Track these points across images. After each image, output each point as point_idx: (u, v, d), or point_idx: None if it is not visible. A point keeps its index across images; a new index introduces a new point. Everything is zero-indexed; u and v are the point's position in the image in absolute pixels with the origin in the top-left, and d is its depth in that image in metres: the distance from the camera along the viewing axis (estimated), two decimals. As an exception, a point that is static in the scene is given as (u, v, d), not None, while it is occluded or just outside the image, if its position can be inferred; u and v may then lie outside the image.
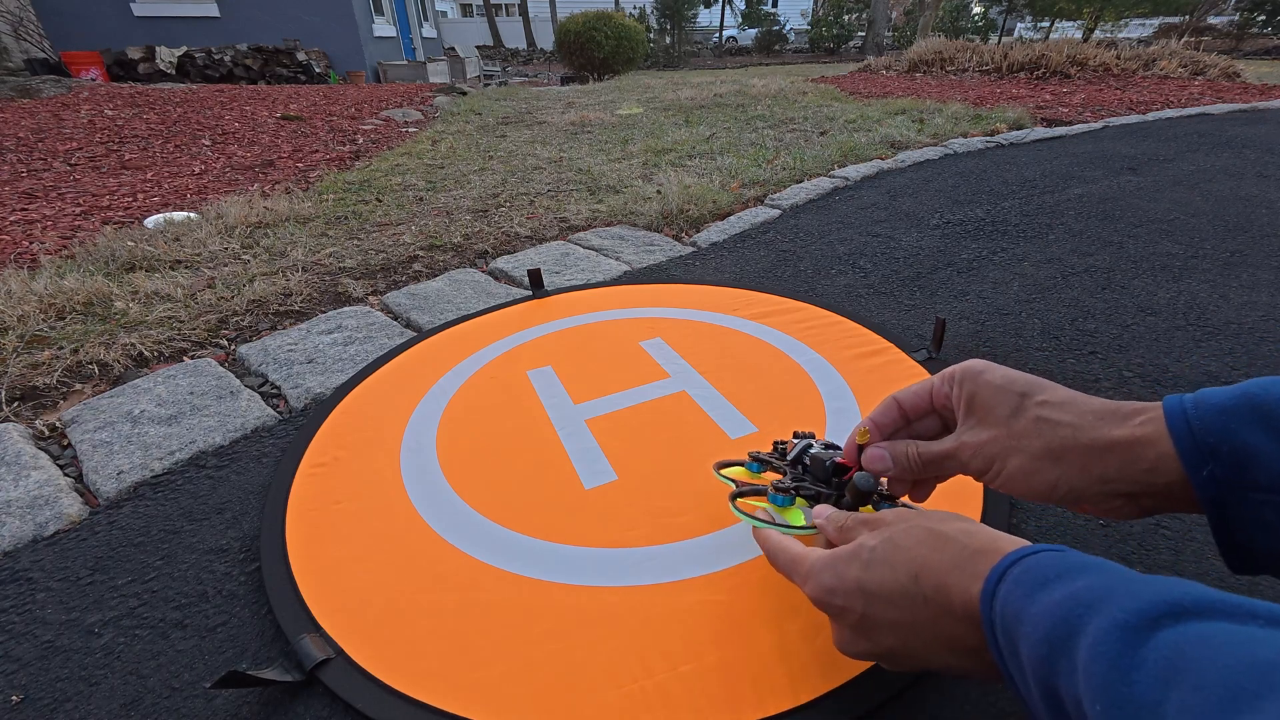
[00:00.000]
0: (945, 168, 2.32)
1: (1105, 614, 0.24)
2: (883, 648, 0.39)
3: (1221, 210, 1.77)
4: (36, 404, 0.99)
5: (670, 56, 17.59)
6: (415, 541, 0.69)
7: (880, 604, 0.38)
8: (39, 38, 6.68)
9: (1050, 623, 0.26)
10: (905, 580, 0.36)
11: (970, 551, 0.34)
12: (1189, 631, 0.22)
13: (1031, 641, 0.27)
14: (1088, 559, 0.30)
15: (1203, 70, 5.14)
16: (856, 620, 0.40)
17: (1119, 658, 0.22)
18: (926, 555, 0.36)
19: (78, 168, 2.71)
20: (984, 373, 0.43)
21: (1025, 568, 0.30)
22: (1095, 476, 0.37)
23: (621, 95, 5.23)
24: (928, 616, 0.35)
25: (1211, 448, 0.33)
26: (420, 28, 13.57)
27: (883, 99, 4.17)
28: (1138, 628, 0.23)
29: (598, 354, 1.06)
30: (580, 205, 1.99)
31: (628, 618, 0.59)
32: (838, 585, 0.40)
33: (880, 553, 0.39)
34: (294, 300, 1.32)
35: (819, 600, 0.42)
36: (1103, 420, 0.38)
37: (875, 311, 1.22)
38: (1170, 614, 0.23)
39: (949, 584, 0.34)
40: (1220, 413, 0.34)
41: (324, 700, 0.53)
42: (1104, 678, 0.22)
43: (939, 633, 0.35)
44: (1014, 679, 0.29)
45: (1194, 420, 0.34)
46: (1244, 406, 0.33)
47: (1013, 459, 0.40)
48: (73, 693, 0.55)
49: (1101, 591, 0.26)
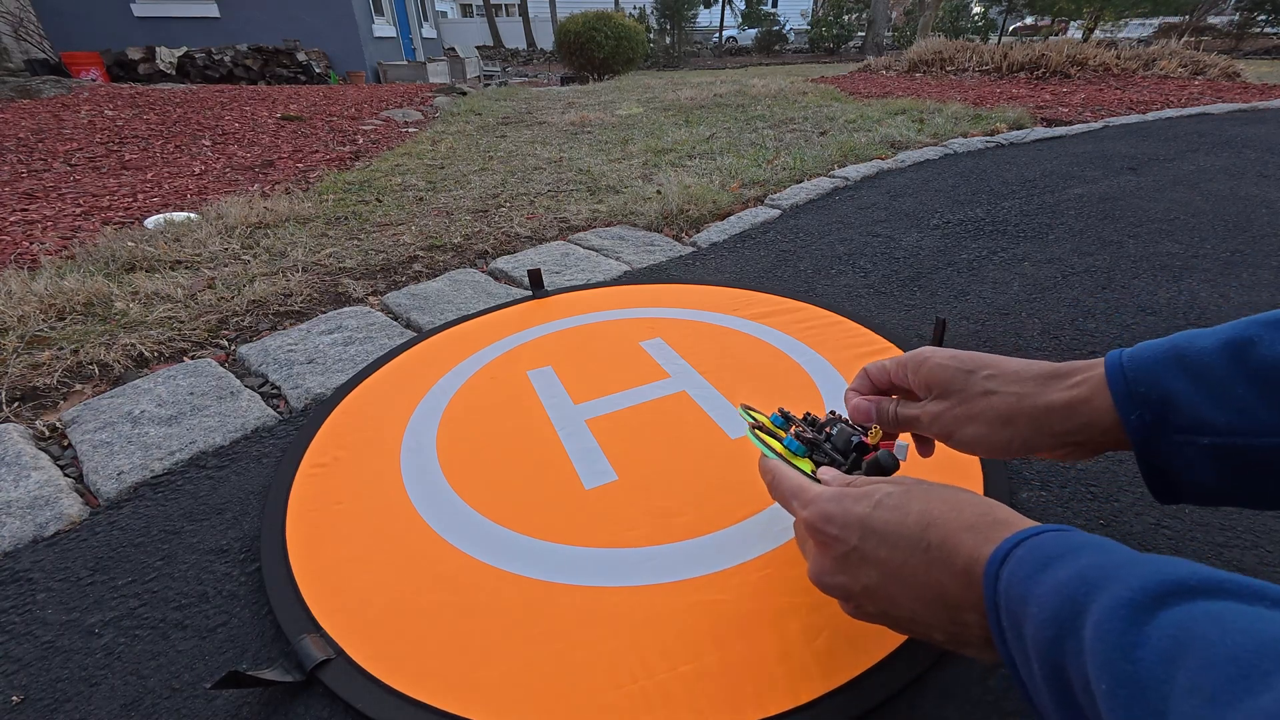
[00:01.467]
0: (945, 168, 2.32)
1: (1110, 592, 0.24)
2: (859, 585, 0.40)
3: (1221, 210, 1.77)
4: (37, 404, 0.99)
5: (670, 57, 17.60)
6: (415, 542, 0.69)
7: (876, 541, 0.38)
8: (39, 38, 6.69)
9: (1056, 602, 0.26)
10: (913, 526, 0.37)
11: (990, 519, 0.35)
12: (1196, 610, 0.22)
13: (1037, 622, 0.27)
14: (1091, 538, 0.30)
15: (1203, 70, 5.14)
16: (845, 552, 0.40)
17: (1123, 635, 0.22)
18: (943, 511, 0.37)
19: (78, 168, 2.71)
20: (929, 358, 0.48)
21: (1030, 547, 0.30)
22: (1043, 432, 0.42)
23: (621, 95, 5.23)
24: (922, 564, 0.36)
25: (1142, 395, 0.37)
26: (420, 28, 13.57)
27: (883, 99, 4.17)
28: (1143, 605, 0.23)
29: (598, 354, 1.06)
30: (580, 205, 1.99)
31: (628, 618, 0.59)
32: (839, 515, 0.41)
33: (894, 498, 0.39)
34: (294, 300, 1.32)
35: (813, 524, 0.42)
36: (1044, 385, 0.42)
37: (875, 311, 1.22)
38: (1176, 592, 0.23)
39: (958, 541, 0.34)
40: (1151, 363, 0.37)
41: (324, 700, 0.53)
42: (1107, 655, 0.22)
43: (925, 582, 0.36)
44: (1015, 660, 0.29)
45: (1129, 372, 0.38)
46: (1170, 356, 0.37)
47: (968, 427, 0.45)
48: (73, 693, 0.55)
49: (1107, 570, 0.26)
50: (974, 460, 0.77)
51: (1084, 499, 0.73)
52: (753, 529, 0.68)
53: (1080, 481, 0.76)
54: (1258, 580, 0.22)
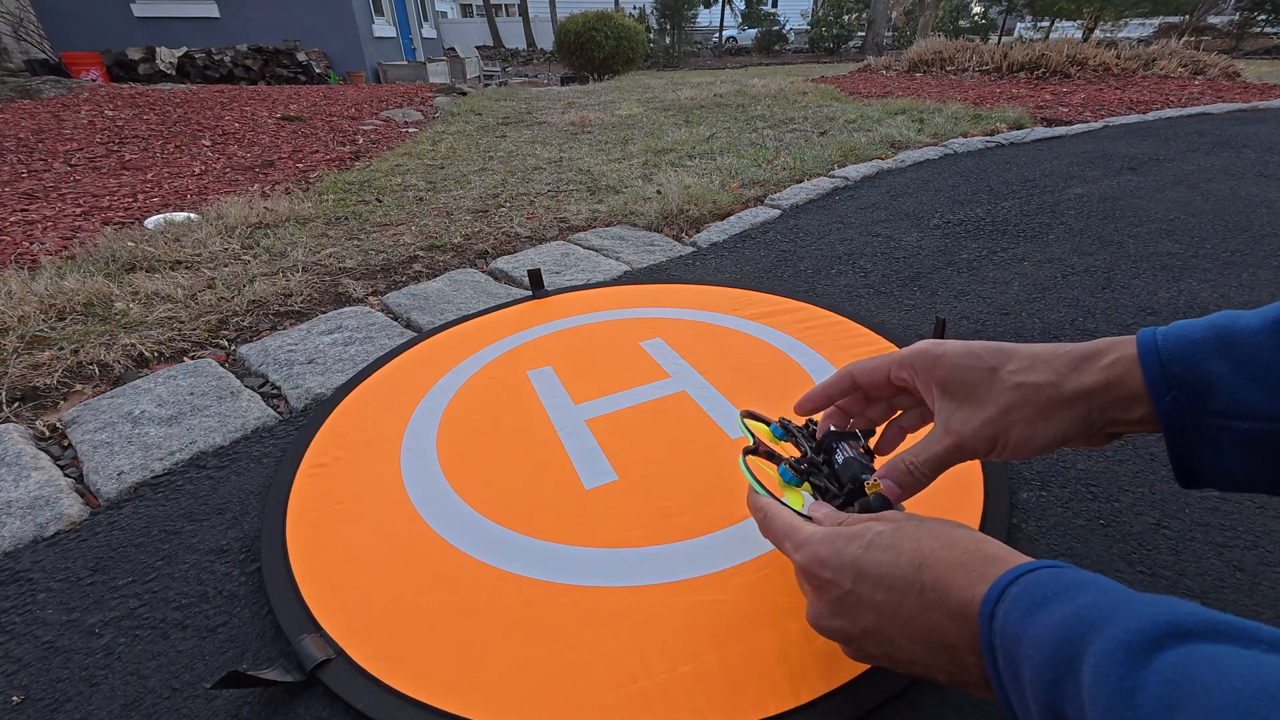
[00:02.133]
0: (945, 167, 2.32)
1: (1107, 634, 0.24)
2: (857, 628, 0.39)
3: (1221, 210, 1.77)
4: (37, 404, 0.99)
5: (670, 57, 17.60)
6: (415, 542, 0.69)
7: (870, 584, 0.38)
8: (39, 38, 6.69)
9: (1052, 644, 0.26)
10: (906, 567, 0.36)
11: (982, 555, 0.34)
12: (1193, 653, 0.22)
13: (1034, 665, 0.26)
14: (1086, 575, 0.30)
15: (1203, 70, 5.14)
16: (840, 595, 0.39)
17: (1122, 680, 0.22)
18: (935, 550, 0.36)
19: (78, 168, 2.71)
20: (942, 355, 0.44)
21: (1025, 585, 0.30)
22: (1081, 420, 0.40)
23: (621, 95, 5.23)
24: (917, 607, 0.35)
25: (1177, 377, 0.35)
26: (420, 28, 13.57)
27: (883, 99, 4.17)
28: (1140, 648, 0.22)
29: (598, 354, 1.06)
30: (580, 205, 1.99)
31: (628, 618, 0.59)
32: (831, 559, 0.40)
33: (886, 538, 0.38)
34: (294, 301, 1.32)
35: (807, 569, 0.42)
36: (1076, 370, 0.40)
37: (875, 311, 1.22)
38: (1173, 634, 0.23)
39: (952, 580, 0.34)
40: (1189, 344, 0.36)
41: (324, 700, 0.53)
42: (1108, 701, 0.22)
43: (922, 625, 0.35)
44: (1011, 702, 0.29)
45: (1164, 352, 0.36)
46: (1211, 338, 0.35)
47: (1013, 431, 0.41)
48: (73, 693, 0.55)
49: (1103, 611, 0.26)
50: (974, 464, 0.75)
51: (1084, 499, 0.73)
52: (753, 529, 0.68)
53: (1080, 481, 0.76)
54: (1253, 623, 0.22)
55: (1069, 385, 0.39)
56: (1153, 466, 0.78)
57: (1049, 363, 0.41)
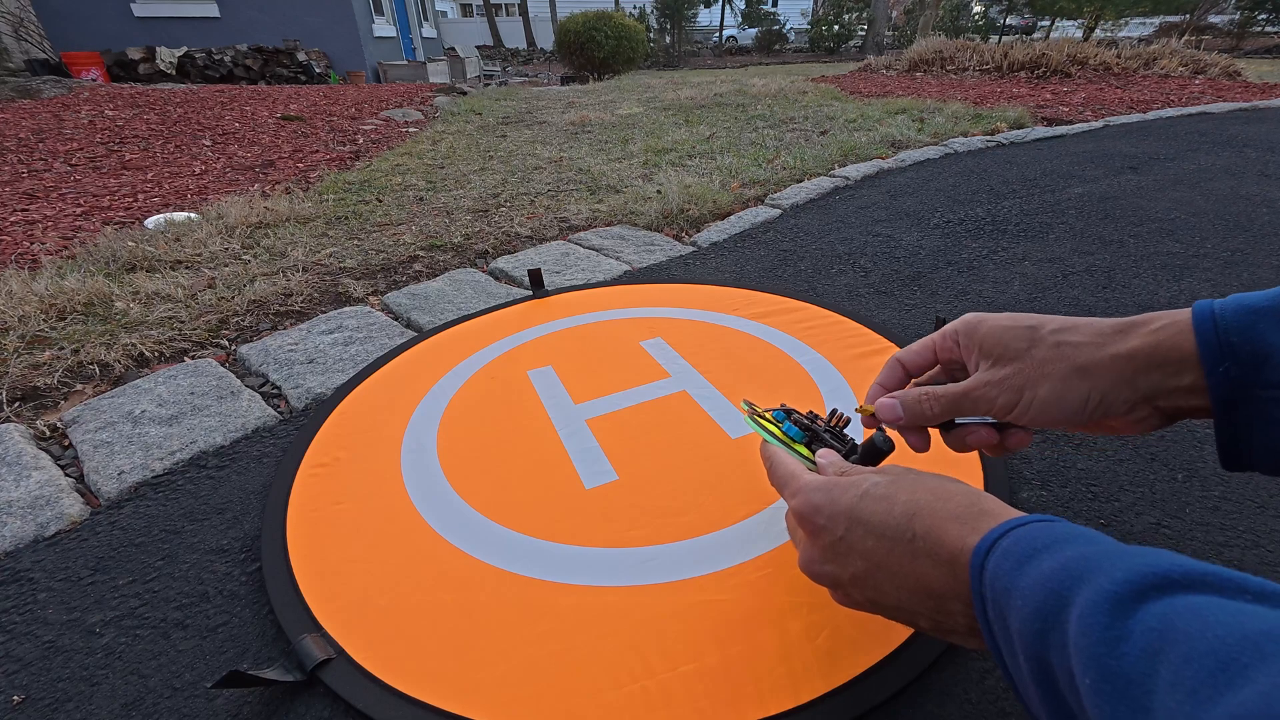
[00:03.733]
0: (946, 167, 2.32)
1: (1094, 584, 0.24)
2: (846, 574, 0.40)
3: (1222, 209, 1.77)
4: (37, 404, 0.99)
5: (670, 56, 17.59)
6: (416, 541, 0.69)
7: (862, 531, 0.38)
8: (39, 38, 6.69)
9: (1040, 595, 0.26)
10: (899, 516, 0.37)
11: (976, 510, 0.35)
12: (1177, 604, 0.22)
13: (1022, 615, 0.27)
14: (1075, 529, 0.30)
15: (1203, 69, 5.13)
16: (832, 542, 0.40)
17: (1107, 629, 0.22)
18: (929, 502, 0.36)
19: (78, 168, 2.71)
20: (984, 321, 0.44)
21: (1015, 538, 0.30)
22: (1124, 382, 0.38)
23: (621, 95, 5.23)
24: (907, 555, 0.36)
25: (1233, 347, 0.34)
26: (420, 28, 13.57)
27: (883, 98, 4.17)
28: (1126, 598, 0.23)
29: (598, 354, 1.06)
30: (580, 205, 1.99)
31: (628, 617, 0.59)
32: (826, 505, 0.41)
33: (881, 489, 0.39)
34: (294, 300, 1.32)
35: (801, 514, 0.42)
36: (1120, 334, 0.38)
37: (876, 311, 1.22)
38: (1158, 585, 0.23)
39: (944, 530, 0.34)
40: (1250, 313, 0.34)
41: (325, 700, 0.53)
42: (1092, 650, 0.22)
43: (910, 572, 0.36)
44: (1000, 650, 0.29)
45: (1220, 319, 0.35)
46: (1274, 307, 0.34)
47: (1042, 385, 0.40)
48: (74, 693, 0.55)
49: (1091, 562, 0.26)
50: (973, 457, 0.76)
51: (1084, 498, 0.73)
52: (753, 528, 0.68)
53: (1081, 481, 0.76)
54: (1239, 573, 0.22)
55: (1110, 348, 0.38)
56: (1153, 467, 0.78)
57: (1093, 328, 0.40)
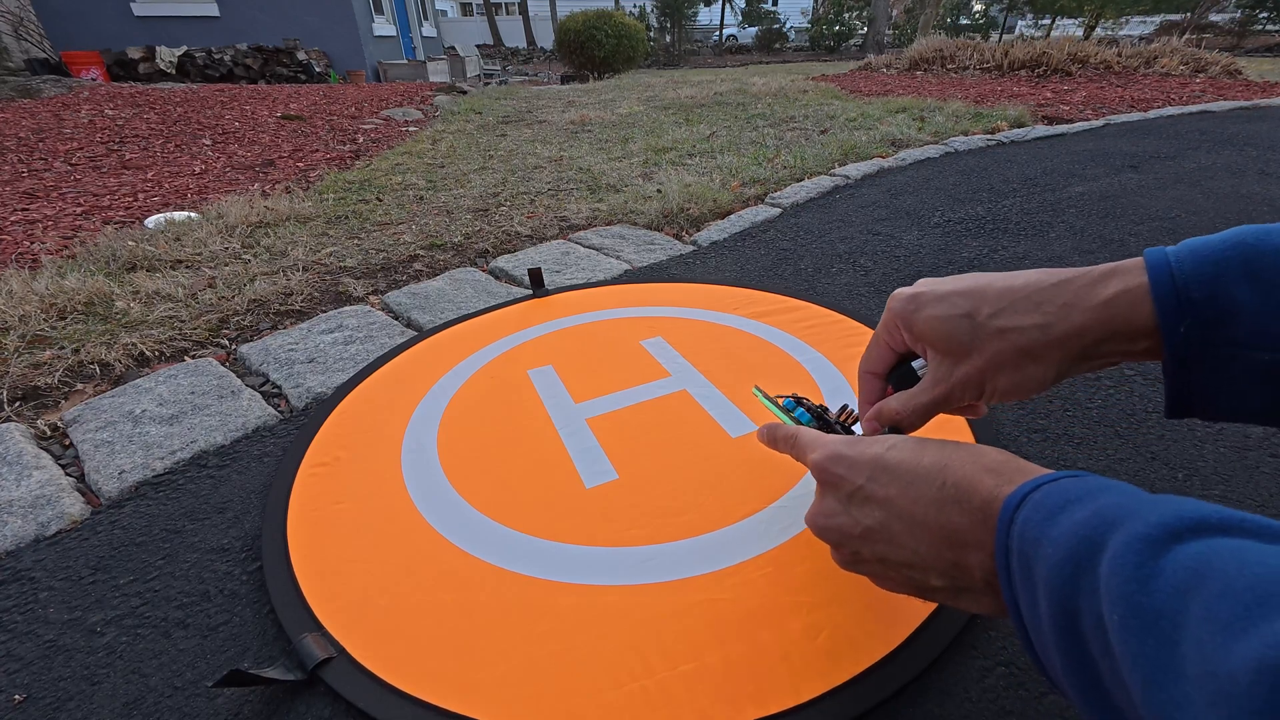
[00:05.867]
0: (946, 166, 2.32)
1: (1128, 528, 0.24)
2: (860, 527, 0.39)
3: (1223, 208, 1.77)
4: (38, 404, 0.99)
5: (670, 55, 17.58)
6: (416, 541, 0.69)
7: (887, 478, 0.37)
8: (39, 38, 6.69)
9: (1074, 541, 0.26)
10: (929, 466, 0.36)
11: (1012, 466, 0.34)
12: (1214, 545, 0.21)
13: (1052, 562, 0.26)
14: (1109, 482, 0.29)
15: (1204, 68, 5.12)
16: (850, 491, 0.39)
17: (1139, 567, 0.22)
18: (961, 458, 0.35)
19: (78, 168, 2.71)
20: (919, 310, 0.42)
21: (1047, 492, 0.30)
22: (1073, 357, 0.37)
23: (622, 94, 5.22)
24: (935, 500, 0.35)
25: (1193, 302, 0.32)
26: (420, 27, 13.56)
27: (883, 97, 4.17)
28: (1161, 540, 0.22)
29: (598, 353, 1.06)
30: (580, 204, 1.99)
31: (629, 617, 0.59)
32: (850, 454, 0.40)
33: (911, 443, 0.38)
34: (295, 300, 1.32)
35: (822, 465, 0.41)
36: (1068, 308, 0.36)
37: (876, 310, 1.22)
38: (1195, 529, 0.22)
39: (978, 480, 0.33)
40: (1211, 264, 0.32)
41: (326, 699, 0.54)
42: (1123, 588, 0.22)
43: (935, 519, 0.34)
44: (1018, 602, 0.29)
45: (1178, 273, 0.32)
46: (1236, 257, 0.31)
47: (1000, 376, 0.39)
48: (75, 692, 0.55)
49: (1126, 509, 0.25)
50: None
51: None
52: (754, 528, 0.68)
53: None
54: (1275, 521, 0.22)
55: (1059, 328, 0.36)
56: (1153, 465, 0.78)
57: (1031, 299, 0.38)
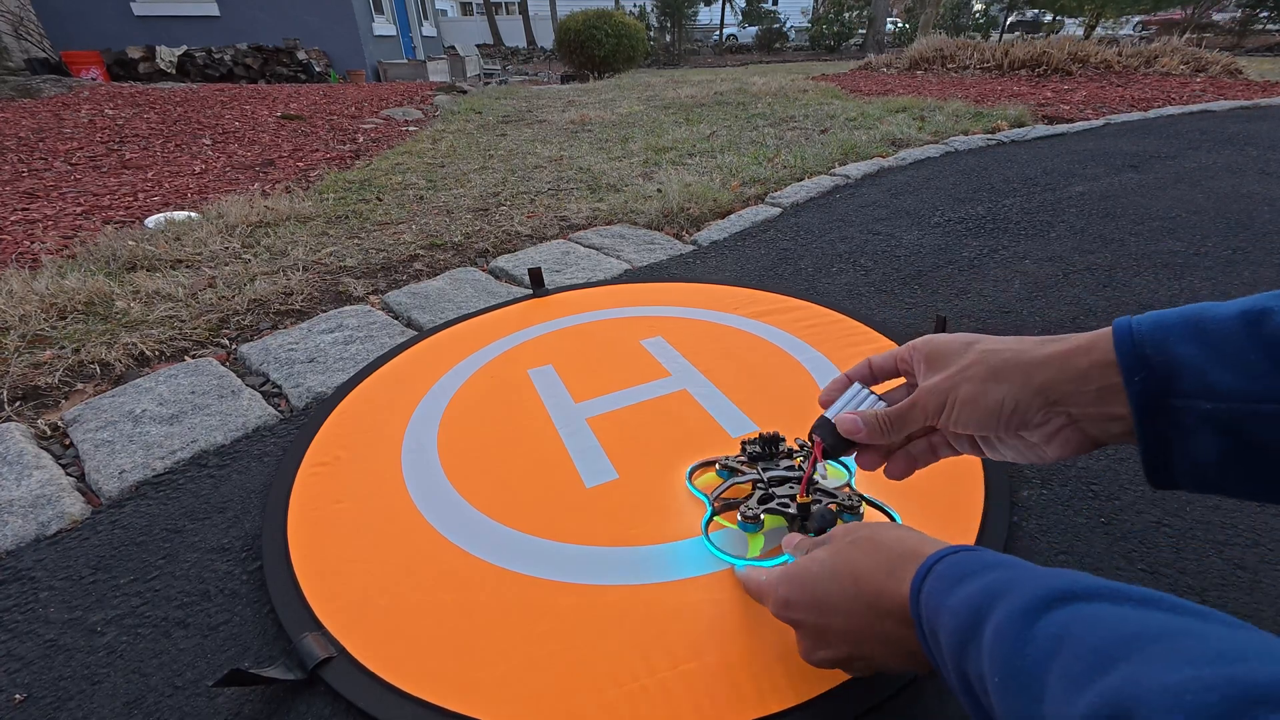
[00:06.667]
0: (946, 165, 2.32)
1: (1009, 600, 0.28)
2: (841, 654, 0.44)
3: (1223, 208, 1.77)
4: (38, 404, 0.99)
5: (670, 55, 17.56)
6: (417, 540, 0.69)
7: (830, 613, 0.43)
8: (39, 37, 6.68)
9: (965, 612, 0.30)
10: (849, 587, 0.41)
11: (897, 556, 0.39)
12: (1075, 611, 0.26)
13: (948, 631, 0.30)
14: (1000, 556, 0.34)
15: (1204, 67, 5.12)
16: (813, 630, 0.45)
17: (1016, 636, 0.26)
18: (864, 563, 0.41)
19: (78, 167, 2.71)
20: (934, 337, 0.47)
21: (947, 564, 0.34)
22: (1035, 388, 0.39)
23: (622, 93, 5.22)
24: (871, 621, 0.40)
25: (1148, 359, 0.36)
26: (420, 26, 13.55)
27: (883, 97, 4.17)
28: (1034, 610, 0.27)
29: (598, 353, 1.06)
30: (581, 204, 1.99)
31: (629, 616, 0.59)
32: (792, 598, 0.46)
33: (828, 566, 0.44)
34: (295, 299, 1.32)
35: (780, 614, 0.47)
36: (1041, 344, 0.40)
37: (876, 309, 1.22)
38: (1061, 598, 0.27)
39: (883, 589, 0.38)
40: (1161, 327, 0.36)
41: (326, 699, 0.54)
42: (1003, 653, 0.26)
43: (883, 635, 0.40)
44: (939, 665, 0.33)
45: (1138, 334, 0.37)
46: (1184, 322, 0.36)
47: (962, 387, 0.42)
48: (75, 691, 0.55)
49: (1009, 584, 0.29)
50: (974, 462, 0.75)
51: (1085, 497, 0.73)
52: (753, 527, 0.68)
53: (1081, 480, 0.76)
54: (1127, 585, 0.27)
55: (1028, 355, 0.40)
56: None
57: (1019, 340, 0.42)
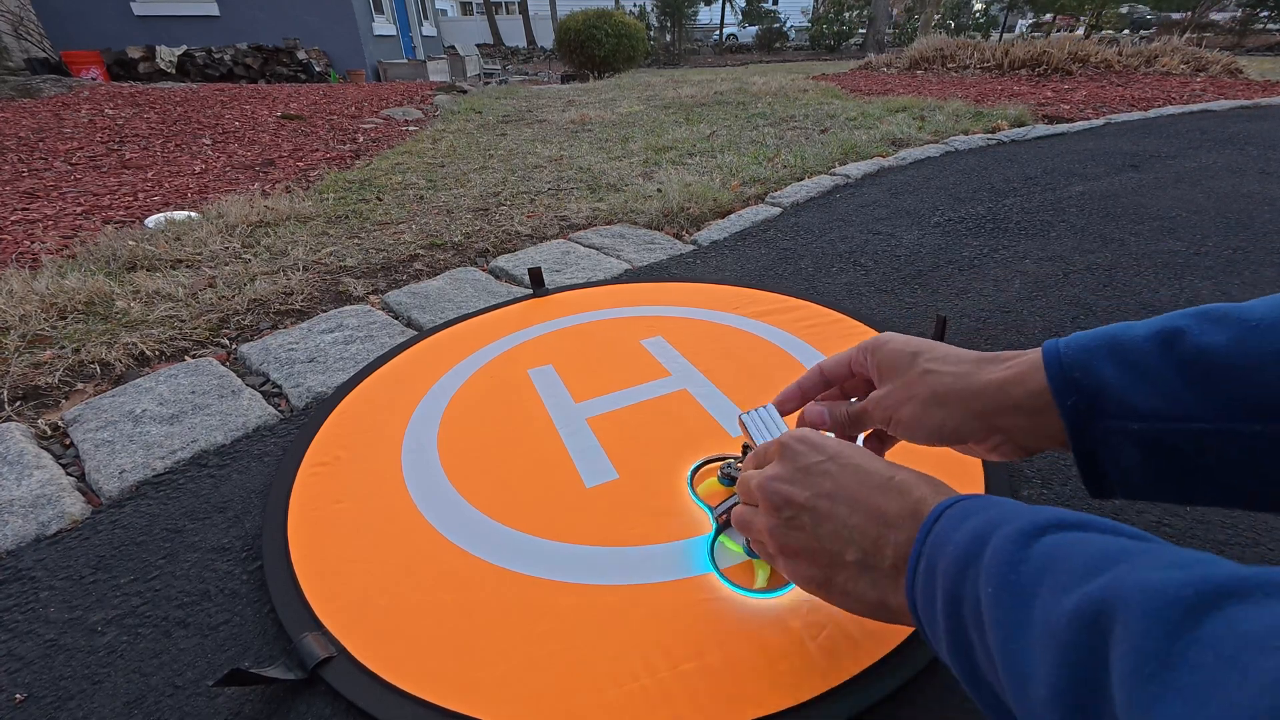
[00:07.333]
0: (946, 165, 2.32)
1: (1007, 527, 0.30)
2: (804, 496, 0.40)
3: (1223, 208, 1.76)
4: (39, 403, 0.99)
5: (670, 54, 17.56)
6: (417, 540, 0.69)
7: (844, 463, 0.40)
8: (39, 37, 6.68)
9: (966, 540, 0.32)
10: (880, 465, 0.40)
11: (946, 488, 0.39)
12: (1067, 537, 0.29)
13: (950, 558, 0.32)
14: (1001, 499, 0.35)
15: (1205, 67, 5.12)
16: (809, 464, 0.41)
17: (1012, 554, 0.29)
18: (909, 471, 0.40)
19: (78, 167, 2.71)
20: (887, 343, 0.48)
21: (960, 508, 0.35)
22: (974, 414, 0.42)
23: (622, 93, 5.22)
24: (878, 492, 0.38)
25: (1076, 381, 0.37)
26: (420, 26, 13.55)
27: (884, 96, 4.16)
28: (1030, 533, 0.29)
29: (599, 352, 1.06)
30: (581, 204, 1.98)
31: (629, 616, 0.59)
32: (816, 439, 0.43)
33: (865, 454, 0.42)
34: (295, 299, 1.32)
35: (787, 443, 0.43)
36: (979, 367, 0.42)
37: (876, 309, 1.22)
38: (1056, 526, 0.29)
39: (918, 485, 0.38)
40: (1084, 349, 0.38)
41: (326, 698, 0.54)
42: (998, 569, 0.29)
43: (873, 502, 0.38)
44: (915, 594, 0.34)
45: (1065, 357, 0.38)
46: (1104, 344, 0.37)
47: (905, 407, 0.45)
48: (76, 691, 0.55)
49: (1007, 514, 0.32)
50: (975, 462, 0.76)
51: (1085, 497, 0.73)
52: (754, 527, 0.68)
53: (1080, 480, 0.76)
54: (1101, 518, 0.30)
55: (964, 381, 0.42)
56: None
57: (958, 359, 0.44)
